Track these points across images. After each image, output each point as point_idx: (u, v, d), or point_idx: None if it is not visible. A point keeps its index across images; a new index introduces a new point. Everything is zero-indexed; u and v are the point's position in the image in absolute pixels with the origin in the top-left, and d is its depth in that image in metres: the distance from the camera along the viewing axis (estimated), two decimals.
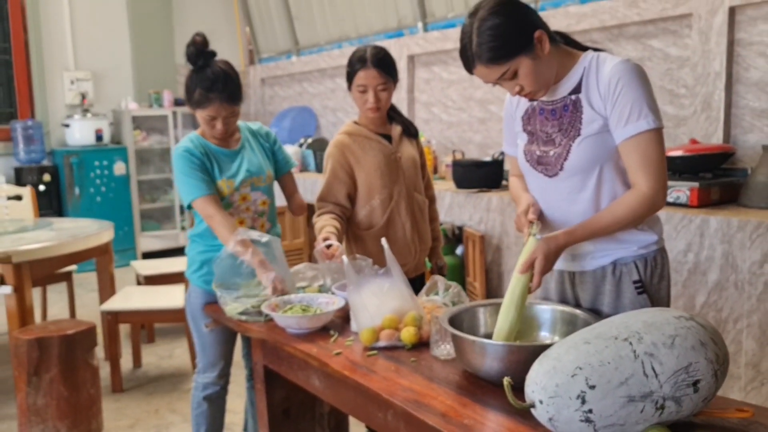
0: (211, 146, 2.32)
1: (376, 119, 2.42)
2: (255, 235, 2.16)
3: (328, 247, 2.14)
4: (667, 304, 1.71)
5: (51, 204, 6.15)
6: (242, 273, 2.13)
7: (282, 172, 2.50)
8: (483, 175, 3.91)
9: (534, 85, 1.59)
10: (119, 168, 6.39)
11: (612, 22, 3.64)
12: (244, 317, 2.08)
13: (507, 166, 2.03)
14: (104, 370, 3.52)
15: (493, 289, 3.78)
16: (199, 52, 2.22)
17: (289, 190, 2.54)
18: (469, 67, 1.59)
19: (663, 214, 2.86)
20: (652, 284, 1.66)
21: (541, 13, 4.07)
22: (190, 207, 2.28)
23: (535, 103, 1.72)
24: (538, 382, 1.24)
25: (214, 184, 2.27)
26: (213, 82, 2.18)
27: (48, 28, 6.44)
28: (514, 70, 1.56)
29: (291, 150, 5.61)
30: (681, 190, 2.91)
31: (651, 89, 1.58)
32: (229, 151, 2.34)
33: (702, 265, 2.74)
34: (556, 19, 3.91)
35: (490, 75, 1.58)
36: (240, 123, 2.41)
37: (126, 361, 3.85)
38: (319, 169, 5.49)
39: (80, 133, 6.29)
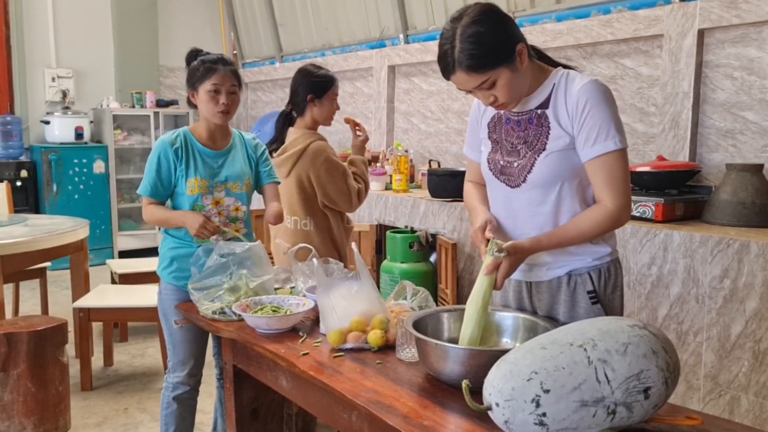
0: (197, 144, 2.36)
1: None
2: (238, 245, 2.21)
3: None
4: (621, 314, 1.75)
5: (27, 200, 6.11)
6: (219, 274, 2.15)
7: (263, 183, 2.50)
8: (457, 185, 3.95)
9: (508, 98, 1.59)
10: (98, 166, 6.36)
11: (586, 41, 3.73)
12: (217, 316, 2.11)
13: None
14: (74, 368, 3.51)
15: (464, 297, 3.79)
16: (196, 51, 2.40)
17: (270, 198, 2.51)
18: (448, 72, 1.56)
19: (629, 227, 2.94)
20: (606, 294, 1.71)
21: None
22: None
23: (501, 111, 1.73)
24: (495, 385, 1.28)
25: (170, 189, 2.33)
26: (216, 59, 2.35)
27: (30, 24, 6.41)
28: (494, 80, 1.56)
29: None
30: (647, 205, 2.98)
31: (617, 110, 1.62)
32: (214, 153, 2.37)
33: (665, 279, 2.82)
34: (532, 36, 3.99)
35: (469, 83, 1.56)
36: (234, 129, 2.47)
37: (97, 360, 3.84)
38: None
39: (60, 130, 6.26)
